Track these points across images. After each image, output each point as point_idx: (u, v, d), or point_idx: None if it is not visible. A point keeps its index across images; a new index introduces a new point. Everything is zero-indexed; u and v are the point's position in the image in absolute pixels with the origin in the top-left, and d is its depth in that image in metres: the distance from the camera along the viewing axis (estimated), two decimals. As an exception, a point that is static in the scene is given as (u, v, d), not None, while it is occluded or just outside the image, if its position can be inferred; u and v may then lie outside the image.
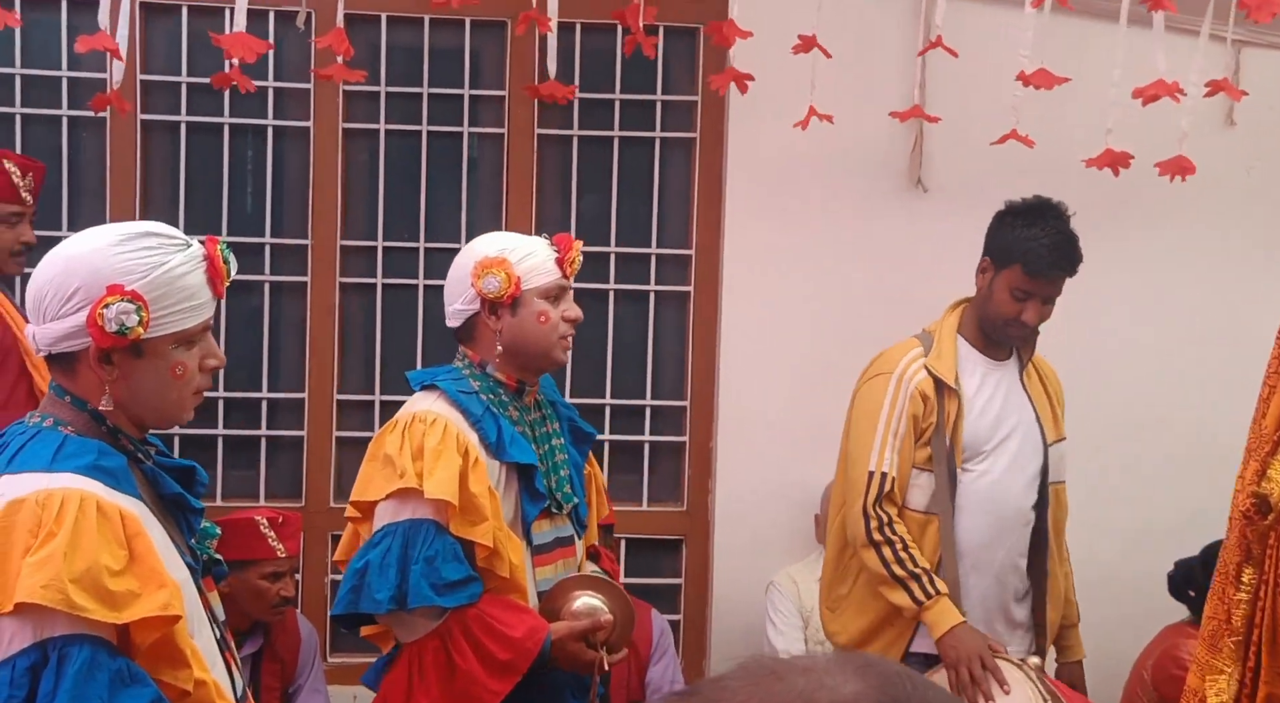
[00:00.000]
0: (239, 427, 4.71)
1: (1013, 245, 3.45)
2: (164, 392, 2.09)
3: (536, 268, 2.90)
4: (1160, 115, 4.24)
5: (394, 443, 2.81)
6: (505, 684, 2.77)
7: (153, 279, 2.02)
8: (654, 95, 4.77)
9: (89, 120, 4.58)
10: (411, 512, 2.77)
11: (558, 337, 2.92)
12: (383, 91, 4.67)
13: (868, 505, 3.42)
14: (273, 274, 4.70)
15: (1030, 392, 3.62)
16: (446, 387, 2.88)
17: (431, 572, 2.73)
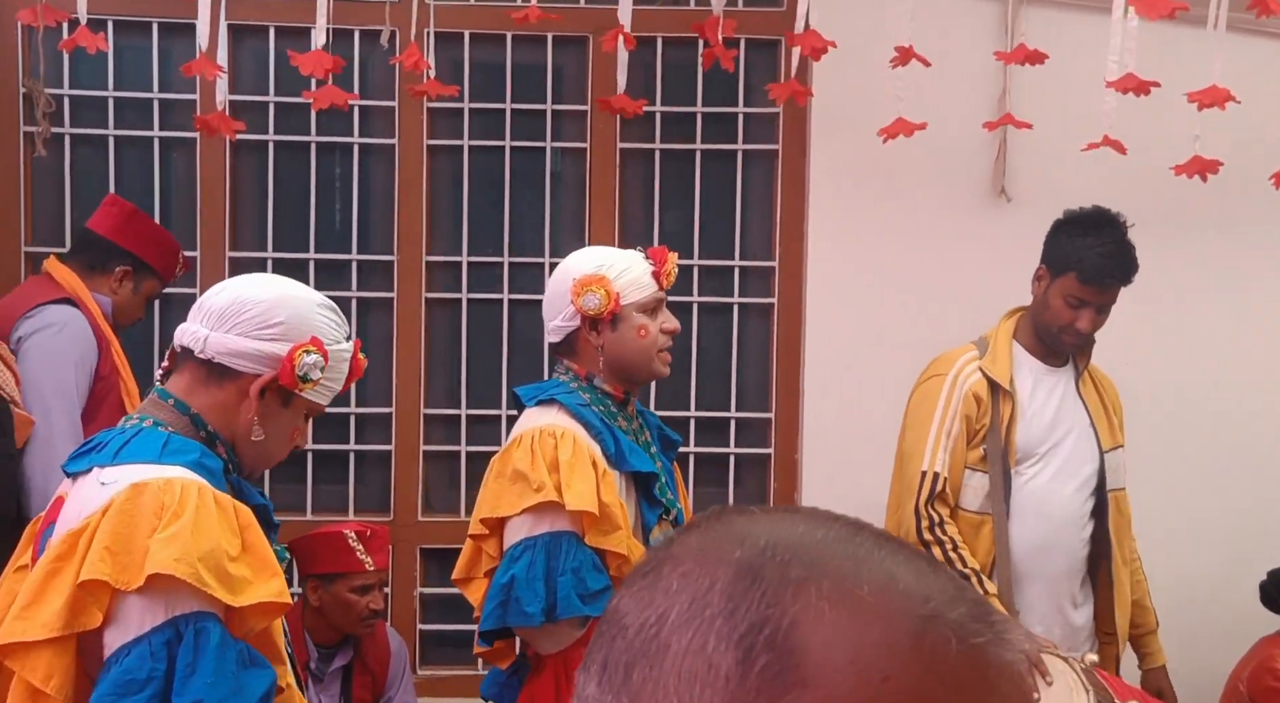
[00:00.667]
0: (328, 441, 4.76)
1: (1068, 253, 3.47)
2: (279, 445, 2.25)
3: (634, 283, 2.95)
4: (1250, 121, 4.20)
5: (524, 458, 2.84)
6: None
7: (334, 351, 2.20)
8: (735, 108, 4.77)
9: (179, 141, 4.66)
10: (550, 525, 2.81)
11: (657, 350, 2.99)
12: (466, 108, 4.71)
13: (920, 505, 3.44)
14: (359, 290, 4.75)
15: (1086, 399, 3.62)
16: (564, 400, 2.93)
17: (578, 583, 2.78)
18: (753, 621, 0.72)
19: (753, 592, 0.73)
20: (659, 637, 0.74)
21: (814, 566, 0.74)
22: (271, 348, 2.15)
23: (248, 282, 2.24)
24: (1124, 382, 4.30)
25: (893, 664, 0.71)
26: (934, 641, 0.72)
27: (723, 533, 0.78)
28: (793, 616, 0.72)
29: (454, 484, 4.79)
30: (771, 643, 0.71)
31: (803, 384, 4.74)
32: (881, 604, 0.73)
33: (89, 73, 4.60)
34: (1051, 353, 3.60)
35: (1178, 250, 4.61)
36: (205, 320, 2.18)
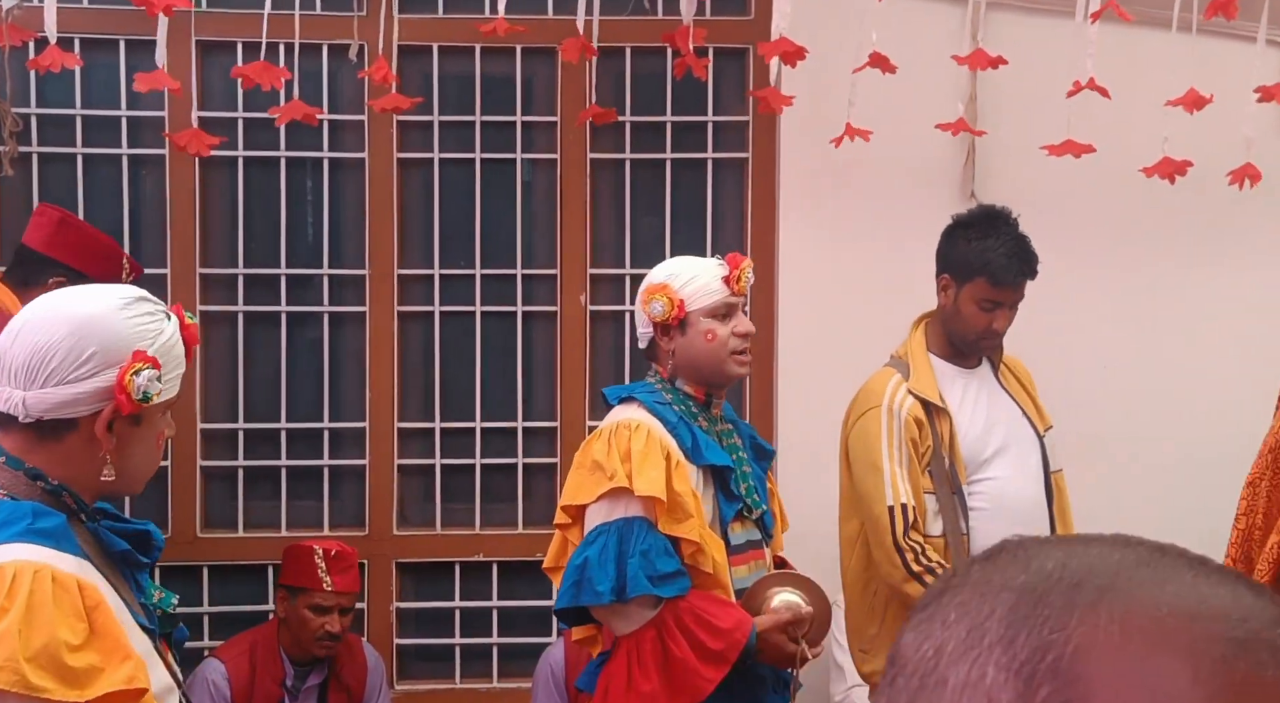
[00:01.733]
0: (302, 457, 4.74)
1: (972, 259, 3.50)
2: (150, 460, 2.09)
3: (701, 289, 3.09)
4: (1217, 123, 4.22)
5: (601, 449, 3.01)
6: (718, 673, 2.93)
7: (160, 346, 2.00)
8: (704, 116, 4.78)
9: (148, 159, 4.64)
10: (624, 510, 2.96)
11: (728, 352, 3.10)
12: (436, 121, 4.70)
13: (898, 539, 3.41)
14: (331, 305, 4.74)
15: (1009, 389, 3.66)
16: (644, 398, 3.09)
17: (647, 564, 2.90)
18: (1034, 647, 0.66)
19: (1035, 616, 0.67)
20: (936, 671, 0.69)
21: (1106, 588, 0.68)
22: (96, 384, 1.95)
23: (35, 323, 1.96)
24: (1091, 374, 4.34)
25: (1195, 694, 0.63)
26: (1247, 666, 0.64)
27: (1007, 561, 0.73)
28: (1078, 641, 0.66)
29: (429, 498, 4.77)
30: (1054, 671, 0.65)
31: (776, 391, 4.74)
32: (1183, 627, 0.66)
33: (56, 91, 4.57)
34: (965, 355, 3.63)
35: (1146, 249, 4.64)
36: (12, 380, 1.95)
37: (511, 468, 4.78)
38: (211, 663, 3.98)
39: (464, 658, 4.79)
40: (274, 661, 3.99)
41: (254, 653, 3.98)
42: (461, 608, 4.76)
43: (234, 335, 4.69)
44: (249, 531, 4.70)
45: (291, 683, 4.01)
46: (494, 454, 4.77)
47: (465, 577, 4.75)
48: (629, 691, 2.96)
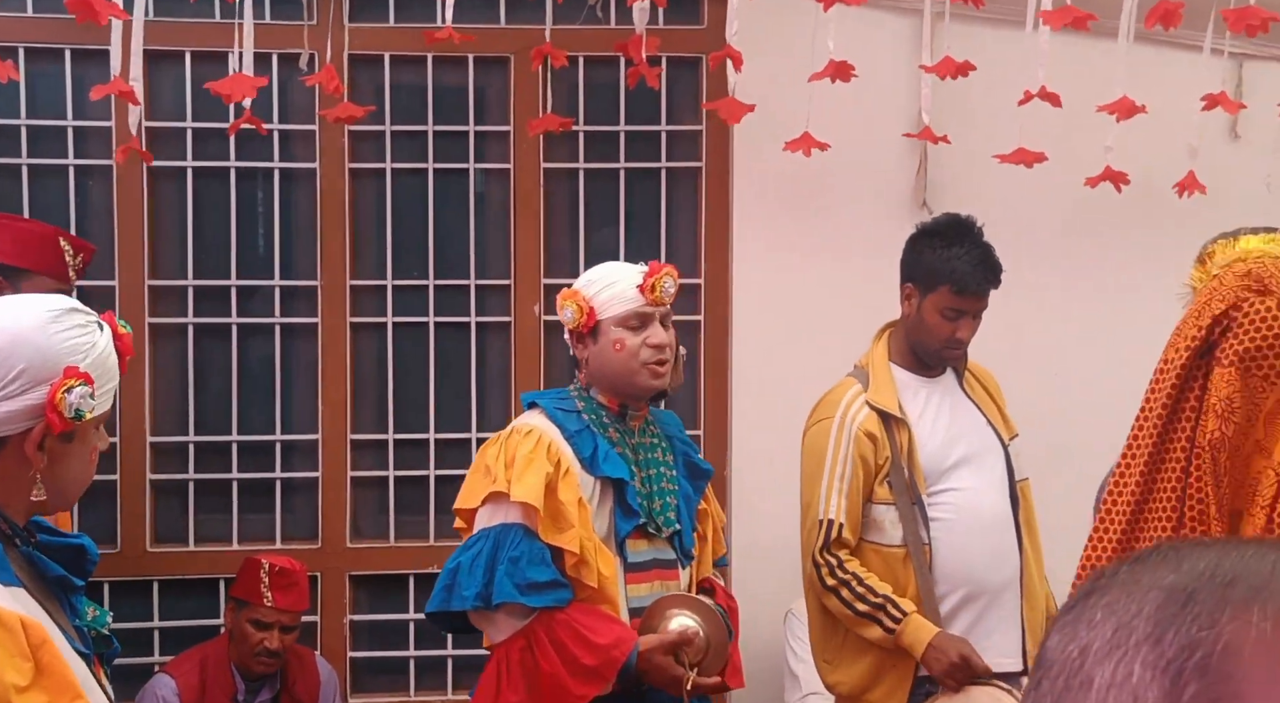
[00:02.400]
0: (253, 470, 4.70)
1: (937, 267, 3.48)
2: (82, 477, 2.02)
3: (615, 297, 3.01)
4: (1167, 131, 4.26)
5: (493, 453, 2.95)
6: (591, 690, 2.85)
7: (93, 360, 1.94)
8: (658, 126, 4.78)
9: (95, 169, 4.60)
10: (504, 516, 2.90)
11: (639, 363, 3.00)
12: (388, 131, 4.68)
13: (816, 554, 3.44)
14: (283, 316, 4.70)
15: (975, 397, 3.64)
16: (545, 404, 3.04)
17: (516, 572, 2.84)
18: (1182, 644, 0.65)
19: (1184, 614, 0.66)
20: (1082, 670, 0.68)
21: (1260, 587, 0.67)
22: (26, 401, 1.88)
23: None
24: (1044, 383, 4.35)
25: None
26: None
27: (1157, 561, 0.72)
28: (1228, 639, 0.64)
29: (383, 510, 4.74)
30: (1202, 669, 0.64)
31: (731, 400, 4.74)
32: None
33: (1, 101, 4.52)
34: (928, 365, 3.61)
35: (1098, 257, 4.67)
36: None
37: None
38: (162, 678, 3.94)
39: (418, 670, 4.75)
40: (225, 675, 3.95)
41: (204, 668, 3.94)
42: (415, 620, 4.73)
43: (184, 348, 4.65)
44: (200, 544, 4.66)
45: (243, 698, 3.97)
46: (448, 465, 4.74)
47: (419, 589, 4.72)
48: (496, 701, 2.91)
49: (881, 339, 3.64)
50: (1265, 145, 4.61)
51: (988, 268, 3.48)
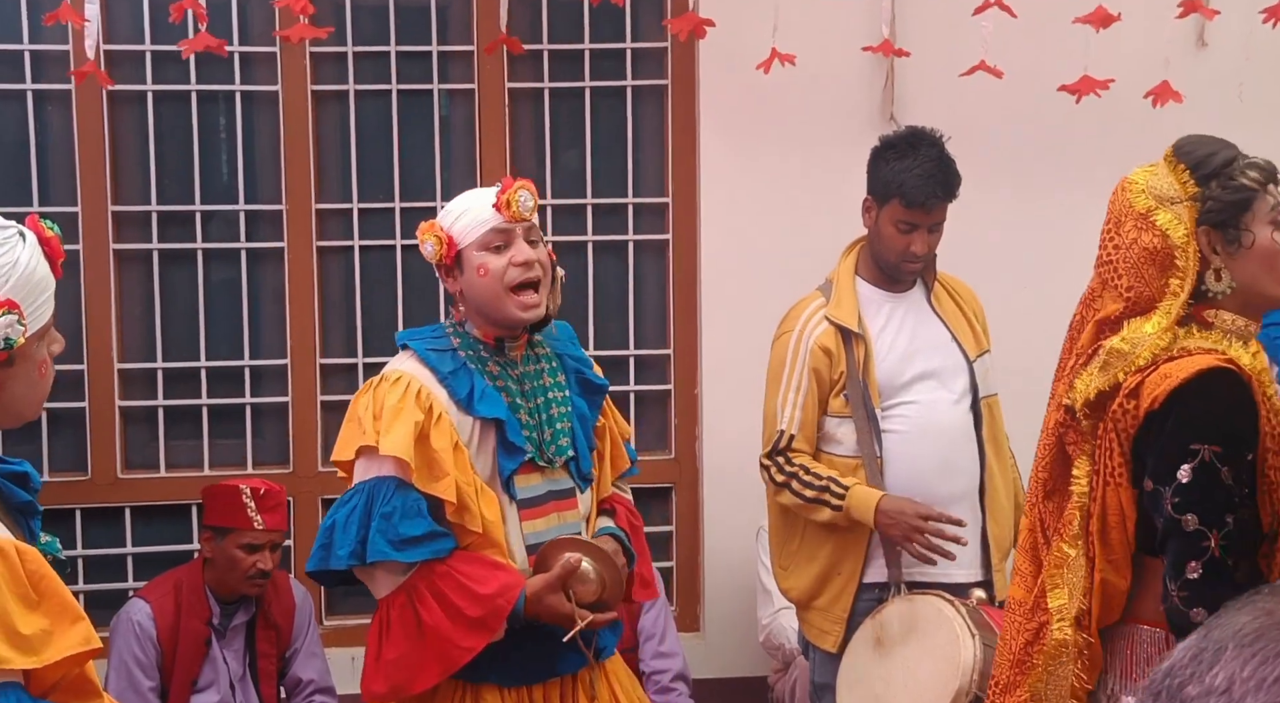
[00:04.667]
0: (223, 395, 4.69)
1: (889, 179, 3.49)
2: (34, 393, 1.99)
3: (471, 223, 2.83)
4: (1132, 41, 4.25)
5: (365, 404, 2.82)
6: (478, 641, 2.75)
7: (15, 281, 1.87)
8: (623, 44, 4.74)
9: (54, 94, 4.54)
10: (377, 469, 2.78)
11: (505, 285, 2.82)
12: (350, 52, 4.63)
13: (762, 458, 3.55)
14: (249, 241, 4.67)
15: (942, 312, 3.64)
16: (416, 346, 2.88)
17: (388, 528, 2.72)
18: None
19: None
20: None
21: None
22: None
23: None
24: (1014, 298, 4.35)
25: None
26: None
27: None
28: None
29: (354, 434, 4.74)
30: None
31: (700, 319, 4.74)
32: None
33: (-44, 26, 4.46)
34: (894, 280, 3.62)
35: (1065, 171, 4.66)
36: None
37: (436, 402, 4.74)
38: (136, 603, 3.95)
39: (393, 593, 4.77)
40: (199, 600, 3.96)
41: (179, 593, 3.95)
42: (389, 543, 4.74)
43: (149, 274, 4.62)
44: (171, 470, 4.65)
45: (219, 622, 3.98)
46: (418, 388, 4.73)
47: (392, 512, 4.73)
48: (378, 659, 2.82)
49: (851, 253, 3.66)
50: (1232, 53, 4.60)
51: (937, 181, 3.47)
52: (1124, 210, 2.42)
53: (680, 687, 4.26)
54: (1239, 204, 2.34)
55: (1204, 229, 2.34)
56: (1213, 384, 2.27)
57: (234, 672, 3.99)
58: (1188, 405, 2.27)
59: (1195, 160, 2.38)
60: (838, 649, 3.50)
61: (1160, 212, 2.36)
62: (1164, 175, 2.40)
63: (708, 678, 4.59)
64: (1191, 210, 2.35)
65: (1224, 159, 2.37)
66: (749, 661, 4.69)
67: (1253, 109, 4.59)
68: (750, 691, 4.65)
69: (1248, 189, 2.34)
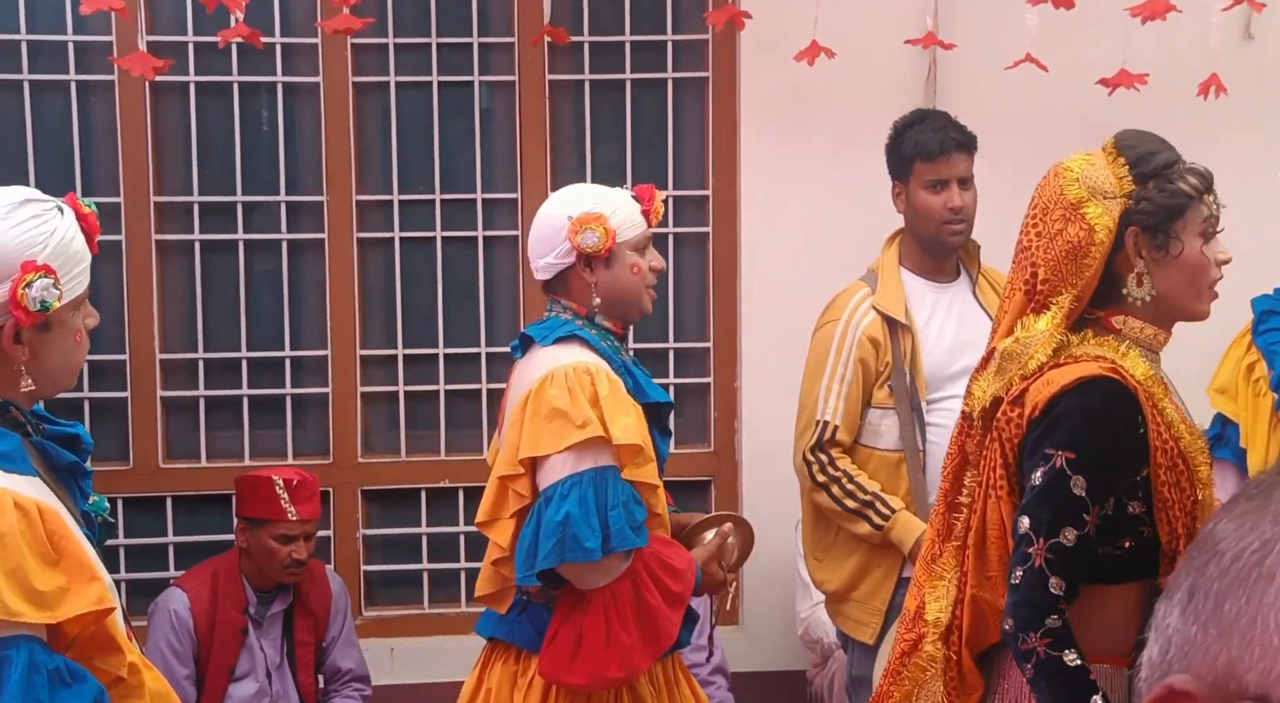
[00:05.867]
0: (264, 386, 4.71)
1: (905, 151, 3.53)
2: (70, 361, 2.06)
3: (627, 221, 2.96)
4: (1181, 35, 4.20)
5: (561, 397, 2.81)
6: (680, 614, 2.91)
7: (53, 249, 1.96)
8: (664, 35, 4.72)
9: (97, 85, 4.56)
10: (594, 460, 2.80)
11: (645, 286, 3.02)
12: (391, 43, 4.63)
13: (806, 452, 3.51)
14: (290, 232, 4.68)
15: (987, 304, 3.60)
16: (589, 337, 2.95)
17: (629, 516, 2.80)
18: None
19: None
20: (1262, 565, 0.67)
21: None
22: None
23: None
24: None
25: None
26: None
27: None
28: None
29: (394, 425, 4.75)
30: None
31: (739, 312, 4.72)
32: None
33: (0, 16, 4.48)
34: (940, 269, 3.60)
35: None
36: None
37: (475, 394, 4.75)
38: (174, 593, 3.97)
39: (432, 583, 4.79)
40: (237, 589, 3.98)
41: (216, 582, 3.97)
42: (428, 534, 4.76)
43: (191, 264, 4.64)
44: (211, 461, 4.67)
45: (255, 610, 4.00)
46: (457, 380, 4.74)
47: (431, 503, 4.74)
48: (609, 645, 2.83)
49: (893, 244, 3.64)
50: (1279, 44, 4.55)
51: (949, 130, 3.51)
52: (1053, 198, 2.33)
53: (719, 679, 4.25)
54: (1173, 210, 2.25)
55: (1133, 231, 2.26)
56: (1088, 392, 2.19)
57: (271, 660, 4.01)
58: (1059, 412, 2.20)
59: (1136, 156, 2.30)
60: (875, 641, 3.48)
61: (1091, 204, 2.26)
62: (1101, 167, 2.31)
63: (746, 672, 4.58)
64: (1123, 208, 2.26)
65: (1165, 161, 2.29)
66: (788, 654, 4.67)
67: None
68: (789, 684, 4.63)
69: (1184, 195, 2.25)
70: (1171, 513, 2.22)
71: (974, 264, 3.65)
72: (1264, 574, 0.67)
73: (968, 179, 3.52)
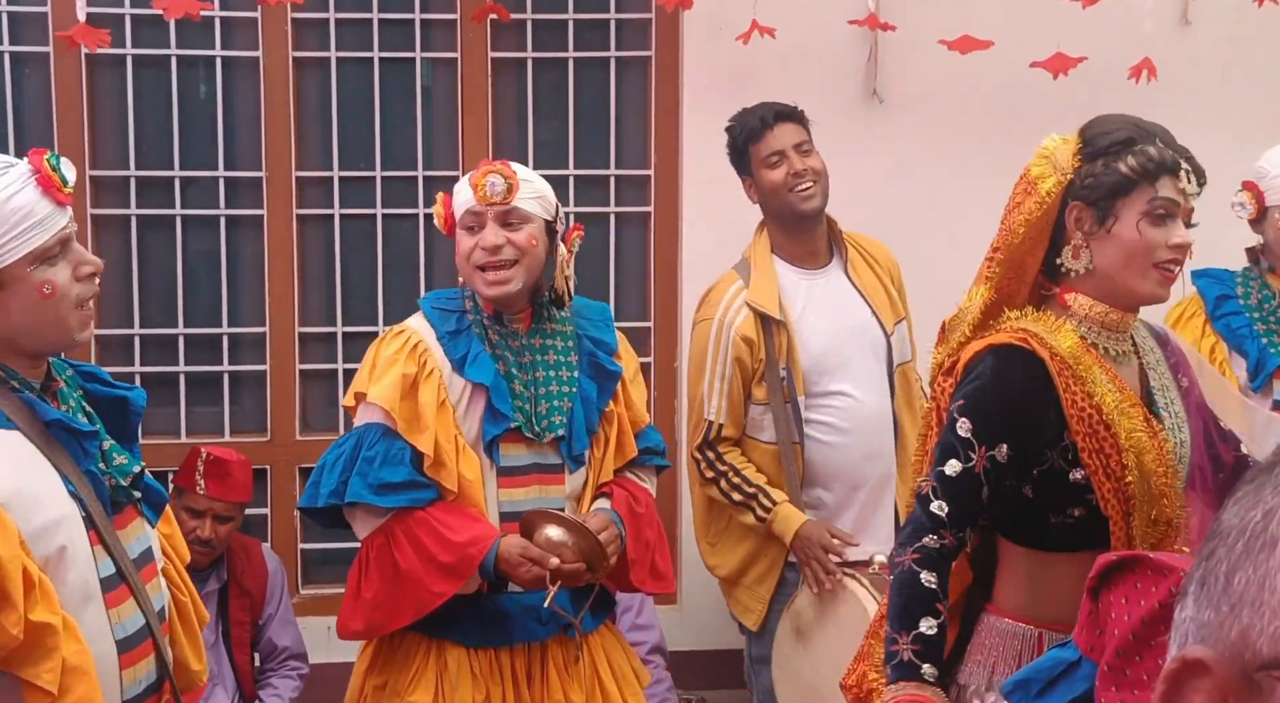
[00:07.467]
0: (201, 363, 4.67)
1: (737, 144, 3.64)
2: (39, 315, 2.05)
3: (460, 200, 2.97)
4: (1114, 17, 4.24)
5: (369, 354, 2.99)
6: (449, 586, 2.85)
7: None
8: (607, 14, 4.71)
9: (31, 56, 4.50)
10: (369, 416, 2.91)
11: (471, 268, 2.93)
12: (332, 18, 4.59)
13: (693, 450, 3.60)
14: (228, 208, 4.64)
15: (860, 284, 3.65)
16: (424, 304, 3.02)
17: (369, 472, 2.85)
18: None
19: None
20: (1266, 532, 0.68)
21: None
22: None
23: None
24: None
25: None
26: None
27: None
28: None
29: (333, 403, 4.72)
30: None
31: (680, 292, 4.73)
32: None
33: (-67, -13, 4.41)
34: (810, 253, 3.63)
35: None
36: None
37: (415, 372, 4.73)
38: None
39: (370, 563, 4.77)
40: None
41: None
42: (366, 513, 4.73)
43: (127, 239, 4.59)
44: (148, 437, 4.60)
45: (190, 588, 3.97)
46: (397, 358, 4.72)
47: (370, 482, 4.73)
48: (356, 598, 2.93)
49: (762, 233, 3.67)
50: (1216, 32, 4.59)
51: (769, 106, 3.61)
52: (1024, 173, 2.39)
53: (657, 659, 4.27)
54: (1113, 187, 2.29)
55: (1075, 205, 2.31)
56: (992, 357, 2.29)
57: (206, 639, 3.98)
58: (967, 376, 2.31)
59: (1091, 136, 2.34)
60: (758, 629, 3.61)
61: (1047, 180, 2.32)
62: (1068, 146, 2.35)
63: (684, 650, 4.60)
64: (1069, 183, 2.32)
65: (1118, 140, 2.32)
66: (725, 633, 4.67)
67: (1236, 87, 4.60)
68: (727, 663, 4.64)
69: (1124, 176, 2.29)
70: (1098, 479, 2.27)
71: (841, 243, 3.68)
72: (1268, 541, 0.68)
73: (802, 143, 3.59)
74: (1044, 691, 2.12)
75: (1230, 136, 4.19)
